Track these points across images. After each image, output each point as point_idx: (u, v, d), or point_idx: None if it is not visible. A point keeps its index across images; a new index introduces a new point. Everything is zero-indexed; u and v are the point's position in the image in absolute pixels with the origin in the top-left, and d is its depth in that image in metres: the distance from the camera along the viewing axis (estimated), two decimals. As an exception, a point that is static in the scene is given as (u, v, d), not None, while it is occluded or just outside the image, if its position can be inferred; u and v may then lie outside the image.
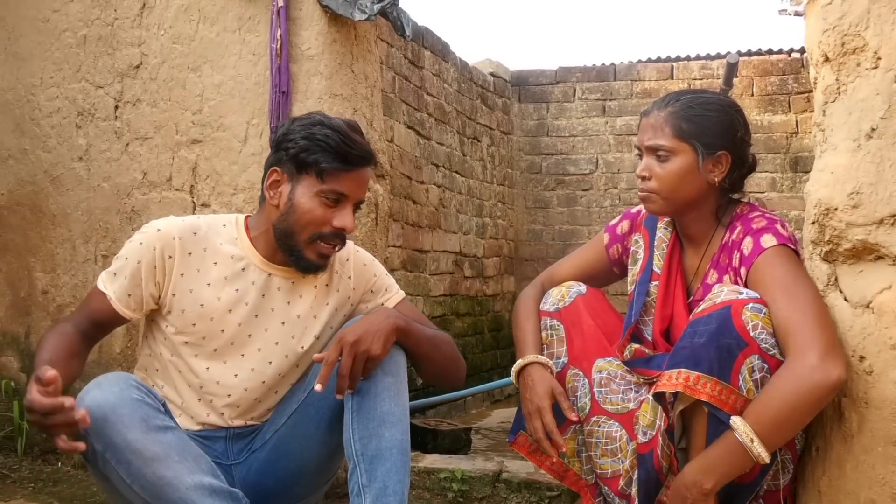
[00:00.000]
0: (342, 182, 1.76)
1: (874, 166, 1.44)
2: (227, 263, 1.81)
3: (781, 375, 1.53)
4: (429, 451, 2.89)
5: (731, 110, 1.90)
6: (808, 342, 1.51)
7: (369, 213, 2.54)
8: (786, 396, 1.51)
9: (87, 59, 2.77)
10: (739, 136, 1.88)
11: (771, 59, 6.69)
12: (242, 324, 1.81)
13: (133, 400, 1.53)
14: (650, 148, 1.87)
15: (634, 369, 1.94)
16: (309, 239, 1.77)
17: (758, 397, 1.55)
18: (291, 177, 1.77)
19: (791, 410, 1.51)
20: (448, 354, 1.88)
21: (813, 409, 1.52)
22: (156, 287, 1.77)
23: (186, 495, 1.50)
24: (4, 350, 2.94)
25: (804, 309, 1.56)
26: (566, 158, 7.16)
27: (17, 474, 2.71)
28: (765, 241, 1.73)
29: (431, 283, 5.45)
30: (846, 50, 1.50)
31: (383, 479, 1.68)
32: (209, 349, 1.80)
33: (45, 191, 2.85)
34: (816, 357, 1.48)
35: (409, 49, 5.27)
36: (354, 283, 1.93)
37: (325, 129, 1.75)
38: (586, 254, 2.19)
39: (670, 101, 1.89)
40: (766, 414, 1.52)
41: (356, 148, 1.77)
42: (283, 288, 1.85)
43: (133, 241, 1.78)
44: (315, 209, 1.75)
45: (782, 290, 1.61)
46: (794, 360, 1.52)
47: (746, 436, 1.51)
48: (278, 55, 2.41)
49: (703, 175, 1.84)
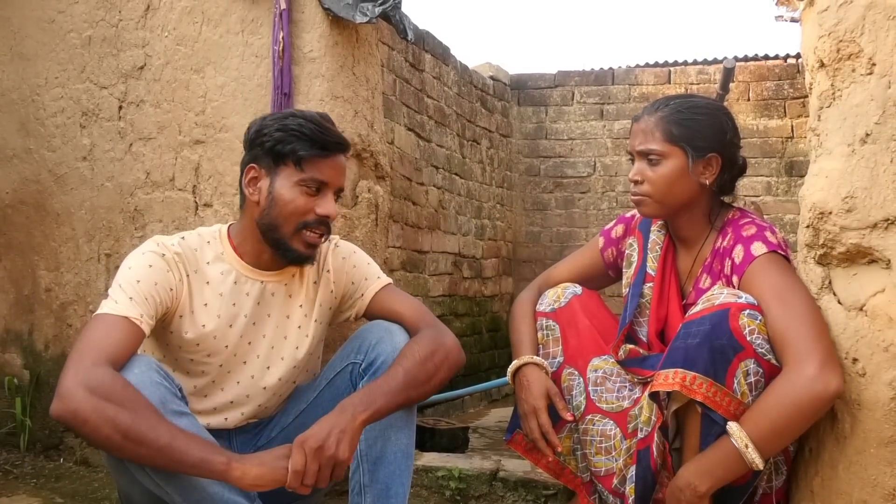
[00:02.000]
0: (321, 169, 1.76)
1: (868, 171, 1.46)
2: (219, 280, 1.80)
3: (779, 385, 1.55)
4: (426, 449, 2.90)
5: (720, 113, 1.93)
6: (805, 352, 1.52)
7: (370, 214, 2.56)
8: (783, 406, 1.52)
9: (91, 60, 2.79)
10: (728, 139, 1.90)
11: (767, 65, 6.73)
12: (243, 335, 1.82)
13: (154, 382, 1.54)
14: (641, 152, 1.90)
15: (629, 369, 1.96)
16: (294, 230, 1.76)
17: (755, 404, 1.57)
18: (269, 170, 1.76)
19: (788, 420, 1.52)
20: (430, 373, 1.72)
21: (810, 420, 1.54)
22: (167, 309, 1.74)
23: (197, 481, 1.52)
24: (8, 347, 2.96)
25: (800, 317, 1.57)
26: (564, 161, 7.19)
27: (19, 470, 2.72)
28: (755, 249, 1.74)
29: (430, 283, 5.47)
30: (841, 56, 1.52)
31: (386, 481, 1.70)
32: (215, 364, 1.82)
33: (49, 190, 2.87)
34: (815, 368, 1.50)
35: (409, 52, 5.29)
36: (334, 276, 1.92)
37: (297, 119, 1.76)
38: (582, 257, 2.21)
39: (660, 107, 1.92)
40: (762, 421, 1.54)
41: (331, 134, 1.77)
42: (277, 293, 1.86)
43: (141, 263, 1.71)
44: (297, 199, 1.75)
45: (777, 299, 1.63)
46: (792, 370, 1.54)
47: (741, 441, 1.54)
48: (280, 57, 2.43)
49: (693, 177, 1.87)
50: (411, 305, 1.90)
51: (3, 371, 2.92)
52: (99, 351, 1.52)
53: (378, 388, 1.64)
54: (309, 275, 1.90)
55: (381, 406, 1.62)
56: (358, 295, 1.93)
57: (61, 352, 2.82)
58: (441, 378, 1.74)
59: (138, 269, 1.69)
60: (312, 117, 1.78)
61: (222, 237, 1.85)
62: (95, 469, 2.72)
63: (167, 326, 1.77)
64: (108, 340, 1.56)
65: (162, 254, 1.74)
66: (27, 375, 2.90)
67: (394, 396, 1.64)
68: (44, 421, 2.86)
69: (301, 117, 1.77)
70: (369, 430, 1.69)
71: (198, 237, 1.83)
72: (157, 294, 1.69)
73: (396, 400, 1.65)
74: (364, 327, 1.86)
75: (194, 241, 1.81)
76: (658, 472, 1.75)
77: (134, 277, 1.67)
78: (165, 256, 1.74)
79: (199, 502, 1.54)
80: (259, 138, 1.77)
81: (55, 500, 2.45)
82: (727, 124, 1.91)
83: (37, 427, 2.87)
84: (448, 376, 1.77)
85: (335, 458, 1.51)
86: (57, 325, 2.87)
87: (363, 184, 2.55)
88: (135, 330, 1.61)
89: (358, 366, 1.79)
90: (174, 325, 1.77)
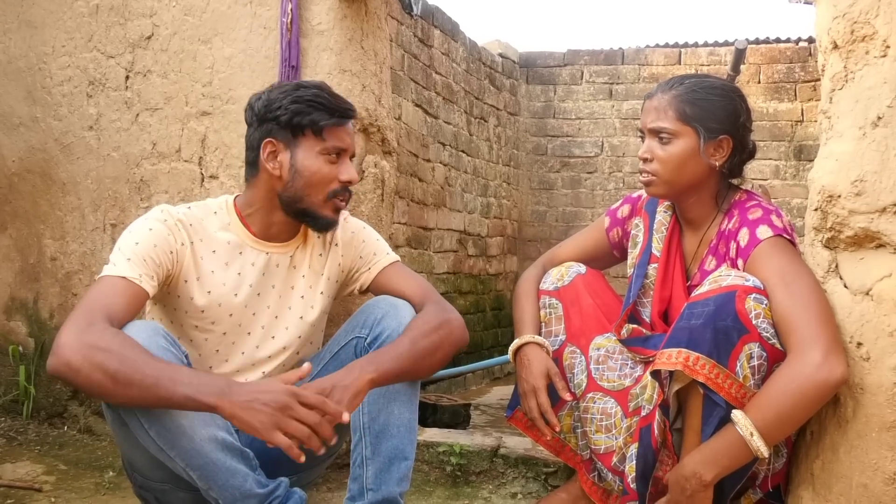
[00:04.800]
0: (339, 136, 1.79)
1: (879, 154, 1.45)
2: (225, 249, 1.82)
3: (784, 372, 1.54)
4: (428, 425, 2.92)
5: (735, 95, 1.92)
6: (811, 339, 1.52)
7: (375, 190, 2.55)
8: (788, 393, 1.52)
9: (98, 29, 2.77)
10: (741, 122, 1.89)
11: (778, 48, 6.68)
12: (248, 304, 1.83)
13: (160, 347, 1.56)
14: (653, 130, 1.89)
15: (631, 348, 1.97)
16: (325, 198, 1.79)
17: (760, 392, 1.57)
18: (288, 143, 1.78)
19: (793, 407, 1.52)
20: (435, 345, 1.73)
21: (815, 406, 1.54)
22: (169, 272, 1.75)
23: (200, 446, 1.54)
24: (13, 315, 2.98)
25: (806, 303, 1.56)
26: (572, 141, 7.16)
27: (23, 437, 2.74)
28: (760, 233, 1.74)
29: (435, 260, 5.47)
30: (855, 38, 1.50)
31: (388, 454, 1.71)
32: (218, 332, 1.83)
33: (56, 159, 2.86)
34: (820, 355, 1.49)
35: (418, 27, 5.26)
36: (342, 250, 1.94)
37: (308, 89, 1.78)
38: (588, 236, 2.21)
39: (674, 85, 1.90)
40: (767, 409, 1.54)
41: (342, 101, 1.81)
42: (282, 264, 1.87)
43: (142, 227, 1.73)
44: (322, 168, 1.77)
45: (782, 283, 1.62)
46: (797, 356, 1.53)
47: (746, 430, 1.53)
48: (289, 29, 2.42)
49: (704, 159, 1.86)
50: (417, 283, 1.90)
51: (8, 339, 2.94)
52: (95, 310, 1.55)
53: (385, 353, 1.67)
54: (314, 246, 1.91)
55: (388, 368, 1.64)
56: (365, 269, 1.94)
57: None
58: (445, 352, 1.76)
59: (137, 233, 1.72)
60: (322, 85, 1.81)
61: (229, 207, 1.86)
62: (99, 437, 2.74)
63: (173, 291, 1.79)
64: (105, 300, 1.58)
65: (164, 219, 1.76)
66: (31, 344, 2.91)
67: (401, 362, 1.66)
68: (48, 389, 2.88)
69: (311, 87, 1.79)
70: (372, 404, 1.70)
71: (205, 207, 1.86)
72: (157, 256, 1.70)
73: (403, 365, 1.66)
74: (370, 302, 1.87)
75: (201, 211, 1.84)
76: (658, 451, 1.76)
77: (133, 240, 1.70)
78: (167, 222, 1.75)
79: (203, 468, 1.55)
80: (271, 112, 1.78)
81: (59, 468, 2.48)
82: (741, 107, 1.90)
83: (41, 395, 2.88)
84: (452, 352, 1.79)
85: (336, 412, 1.51)
86: (62, 294, 2.87)
87: (370, 158, 2.54)
88: (134, 289, 1.63)
89: (363, 340, 1.79)
90: (180, 289, 1.78)
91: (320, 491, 2.32)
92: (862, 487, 1.47)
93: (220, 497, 1.58)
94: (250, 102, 1.83)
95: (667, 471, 1.75)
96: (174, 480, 1.67)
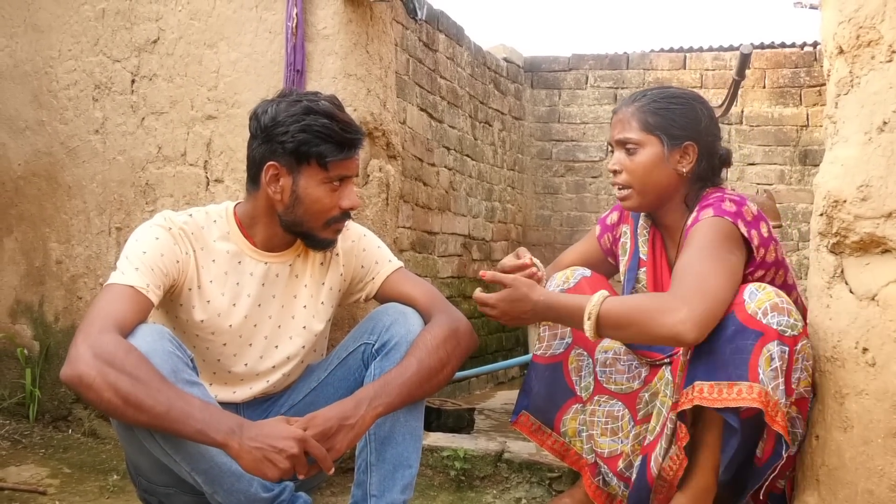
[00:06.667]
0: (345, 166, 1.77)
1: (885, 160, 1.45)
2: (224, 259, 1.81)
3: (654, 303, 1.66)
4: (432, 429, 2.91)
5: (695, 102, 1.97)
6: (689, 297, 1.61)
7: (380, 194, 2.55)
8: (639, 317, 1.65)
9: (104, 33, 2.78)
10: (704, 127, 1.93)
11: (784, 52, 6.66)
12: (248, 315, 1.83)
13: (166, 351, 1.56)
14: (619, 142, 1.95)
15: (636, 351, 1.98)
16: (323, 225, 1.79)
17: (628, 298, 1.73)
18: (291, 169, 1.75)
19: (636, 330, 1.68)
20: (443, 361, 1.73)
21: (647, 341, 1.80)
22: (174, 281, 1.75)
23: (205, 450, 1.53)
24: (18, 318, 2.98)
25: (705, 272, 1.65)
26: (576, 145, 7.15)
27: (28, 440, 2.75)
28: (703, 214, 1.80)
29: (440, 264, 5.47)
30: (861, 42, 1.50)
31: (393, 461, 1.71)
32: (218, 343, 1.83)
33: (61, 162, 2.87)
34: (686, 315, 1.59)
35: (423, 32, 5.26)
36: (343, 259, 1.93)
37: (318, 117, 1.72)
38: (584, 245, 2.27)
39: (637, 98, 1.97)
40: (617, 310, 1.68)
41: (352, 132, 1.76)
42: (282, 273, 1.86)
43: (148, 235, 1.73)
44: (323, 198, 1.76)
45: (697, 247, 1.72)
46: (668, 303, 1.63)
47: (587, 311, 1.70)
48: (294, 33, 2.42)
49: (670, 166, 1.91)
50: (423, 289, 1.90)
51: (14, 342, 2.94)
52: (106, 319, 1.56)
53: (394, 381, 1.67)
54: (315, 255, 1.90)
55: (395, 401, 1.65)
56: (368, 278, 1.94)
57: (71, 324, 2.84)
58: (454, 366, 1.77)
59: (144, 241, 1.72)
60: (332, 113, 1.74)
61: (229, 216, 1.85)
62: (103, 441, 2.74)
63: (176, 299, 1.79)
64: (115, 309, 1.59)
65: (168, 227, 1.76)
66: (37, 347, 2.92)
67: (409, 388, 1.67)
68: (53, 392, 2.89)
69: (321, 114, 1.72)
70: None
71: (205, 215, 1.84)
72: (164, 265, 1.71)
73: (412, 392, 1.68)
74: (378, 309, 1.87)
75: (202, 219, 1.83)
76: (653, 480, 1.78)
77: (140, 249, 1.70)
78: (171, 230, 1.75)
79: (208, 472, 1.55)
80: (277, 135, 1.73)
81: (63, 471, 2.48)
82: (703, 113, 1.95)
83: (46, 398, 2.89)
84: (461, 362, 1.80)
85: (339, 450, 1.56)
86: (67, 297, 2.88)
87: (374, 163, 2.54)
88: (141, 298, 1.64)
89: (371, 346, 1.80)
90: (183, 297, 1.78)
91: (324, 495, 2.32)
92: (868, 493, 1.47)
93: (225, 501, 1.58)
94: (256, 113, 1.78)
95: (661, 500, 1.78)
96: (179, 484, 1.67)
